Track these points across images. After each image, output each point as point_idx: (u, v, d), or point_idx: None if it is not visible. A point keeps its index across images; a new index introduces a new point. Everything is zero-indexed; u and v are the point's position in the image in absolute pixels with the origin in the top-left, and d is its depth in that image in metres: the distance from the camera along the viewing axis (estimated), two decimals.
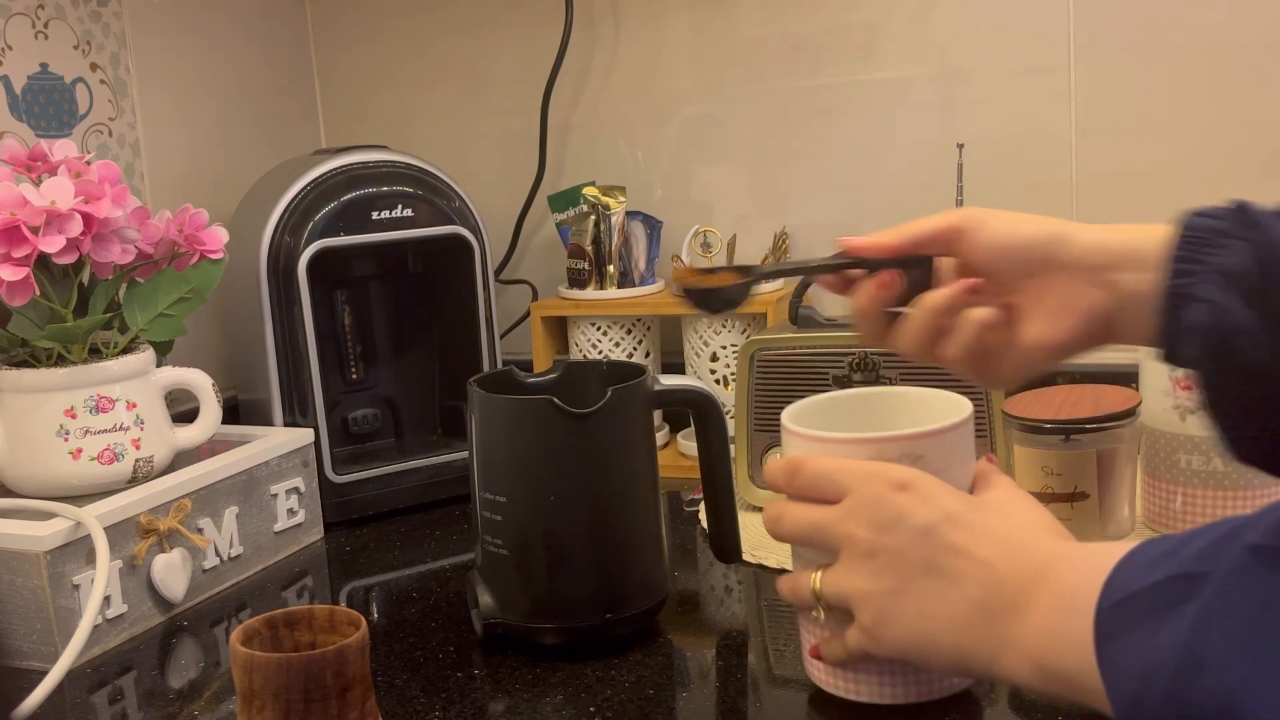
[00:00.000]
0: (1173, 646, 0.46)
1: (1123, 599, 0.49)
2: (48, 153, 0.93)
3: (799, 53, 1.29)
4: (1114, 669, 0.49)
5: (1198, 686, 0.44)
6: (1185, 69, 1.14)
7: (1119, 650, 0.49)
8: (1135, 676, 0.47)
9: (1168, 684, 0.45)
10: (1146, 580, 0.48)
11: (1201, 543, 0.48)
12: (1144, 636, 0.47)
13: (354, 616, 0.62)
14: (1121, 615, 0.49)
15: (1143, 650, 0.47)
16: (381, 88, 1.49)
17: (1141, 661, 0.47)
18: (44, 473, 0.91)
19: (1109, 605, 0.50)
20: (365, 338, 1.22)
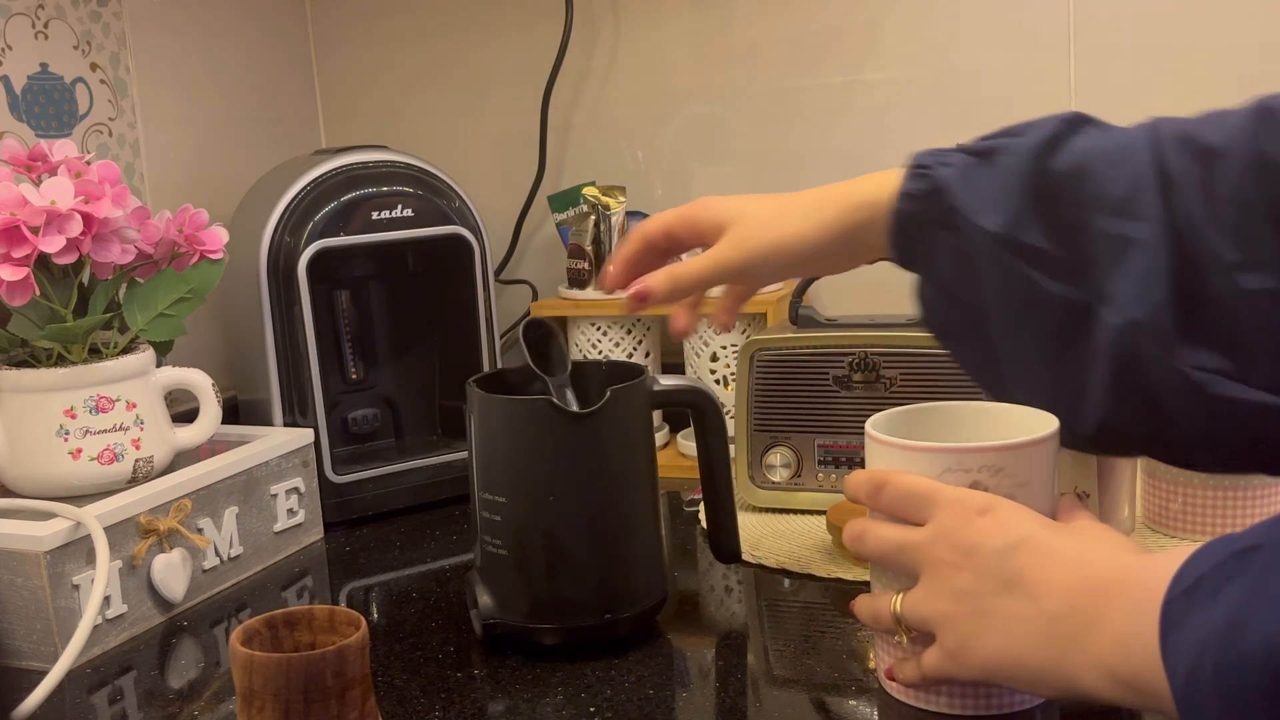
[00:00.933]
0: (1226, 614, 0.46)
1: (1189, 587, 0.49)
2: (48, 153, 0.93)
3: (799, 53, 1.29)
4: (1174, 655, 0.48)
5: (1242, 643, 0.44)
6: (1185, 69, 1.14)
7: (1179, 636, 0.48)
8: (1191, 654, 0.47)
9: (1219, 648, 0.45)
10: (1209, 564, 0.49)
11: (1266, 524, 0.48)
12: (1201, 614, 0.47)
13: (354, 617, 0.62)
14: (1186, 601, 0.49)
15: (1198, 626, 0.47)
16: (382, 88, 1.49)
17: (1197, 635, 0.47)
18: (44, 473, 0.91)
19: (1175, 595, 0.49)
20: (365, 338, 1.22)
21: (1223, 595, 0.47)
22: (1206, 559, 0.49)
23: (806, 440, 1.04)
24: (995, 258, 0.60)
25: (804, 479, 1.04)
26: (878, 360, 1.00)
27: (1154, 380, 0.55)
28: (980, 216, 0.60)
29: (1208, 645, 0.46)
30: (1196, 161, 0.55)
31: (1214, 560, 0.49)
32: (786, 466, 1.04)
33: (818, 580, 0.91)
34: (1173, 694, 0.48)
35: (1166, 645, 0.49)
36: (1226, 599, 0.46)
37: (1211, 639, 0.46)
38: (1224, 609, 0.46)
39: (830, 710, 0.72)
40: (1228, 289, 0.53)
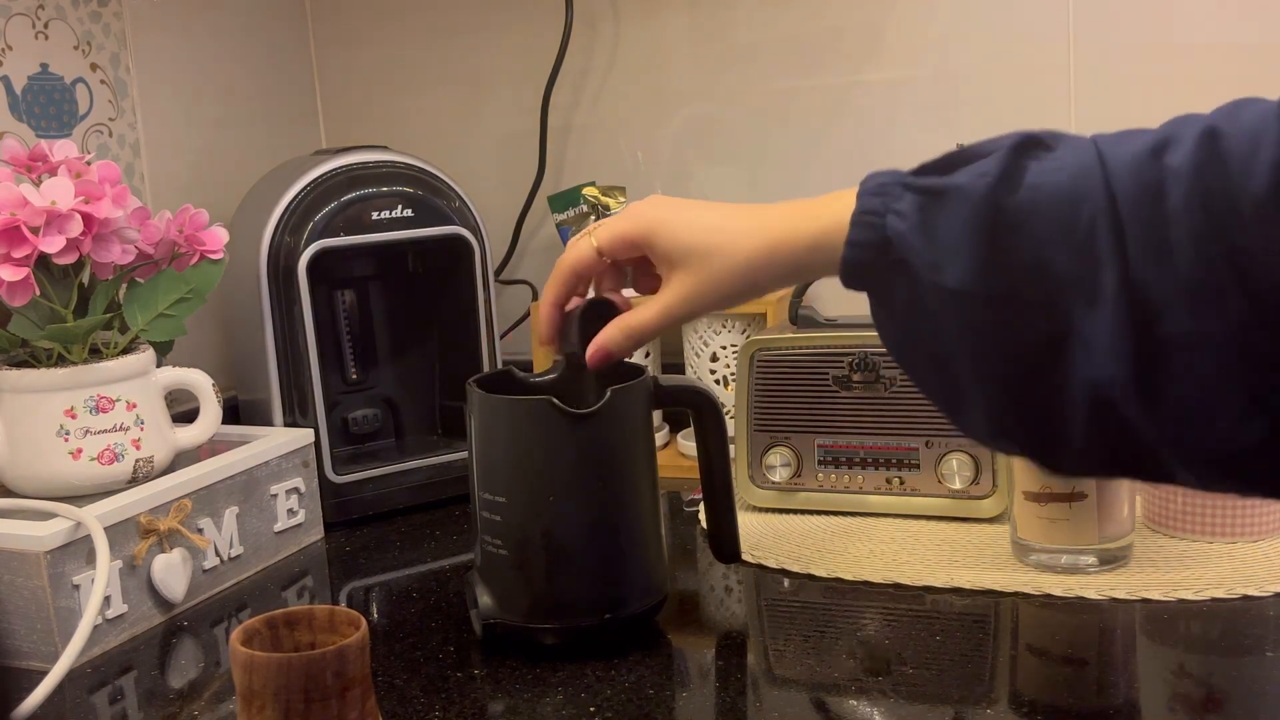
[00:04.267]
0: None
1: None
2: (48, 153, 0.93)
3: (799, 53, 1.29)
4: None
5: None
6: (1185, 69, 1.14)
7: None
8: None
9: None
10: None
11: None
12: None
13: (354, 616, 0.62)
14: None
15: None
16: (381, 88, 1.49)
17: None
18: (44, 473, 0.91)
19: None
20: (365, 338, 1.22)
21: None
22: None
23: (806, 440, 1.04)
24: (953, 310, 0.58)
25: (804, 479, 1.04)
26: (877, 360, 1.00)
27: (1130, 428, 0.54)
28: (936, 271, 0.58)
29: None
30: (1146, 198, 0.53)
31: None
32: (786, 466, 1.04)
33: (818, 580, 0.91)
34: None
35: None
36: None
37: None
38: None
39: (830, 710, 0.72)
40: (1188, 329, 0.52)
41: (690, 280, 0.70)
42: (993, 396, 0.59)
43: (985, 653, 0.78)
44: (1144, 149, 0.54)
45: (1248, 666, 0.74)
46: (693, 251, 0.69)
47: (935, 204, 0.59)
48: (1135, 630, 0.80)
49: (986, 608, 0.85)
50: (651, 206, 0.72)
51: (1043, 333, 0.56)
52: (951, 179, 0.59)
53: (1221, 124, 0.52)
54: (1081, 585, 0.86)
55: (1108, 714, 0.70)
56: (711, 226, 0.69)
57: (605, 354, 0.75)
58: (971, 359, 0.59)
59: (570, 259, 0.75)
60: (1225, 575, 0.86)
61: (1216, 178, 0.51)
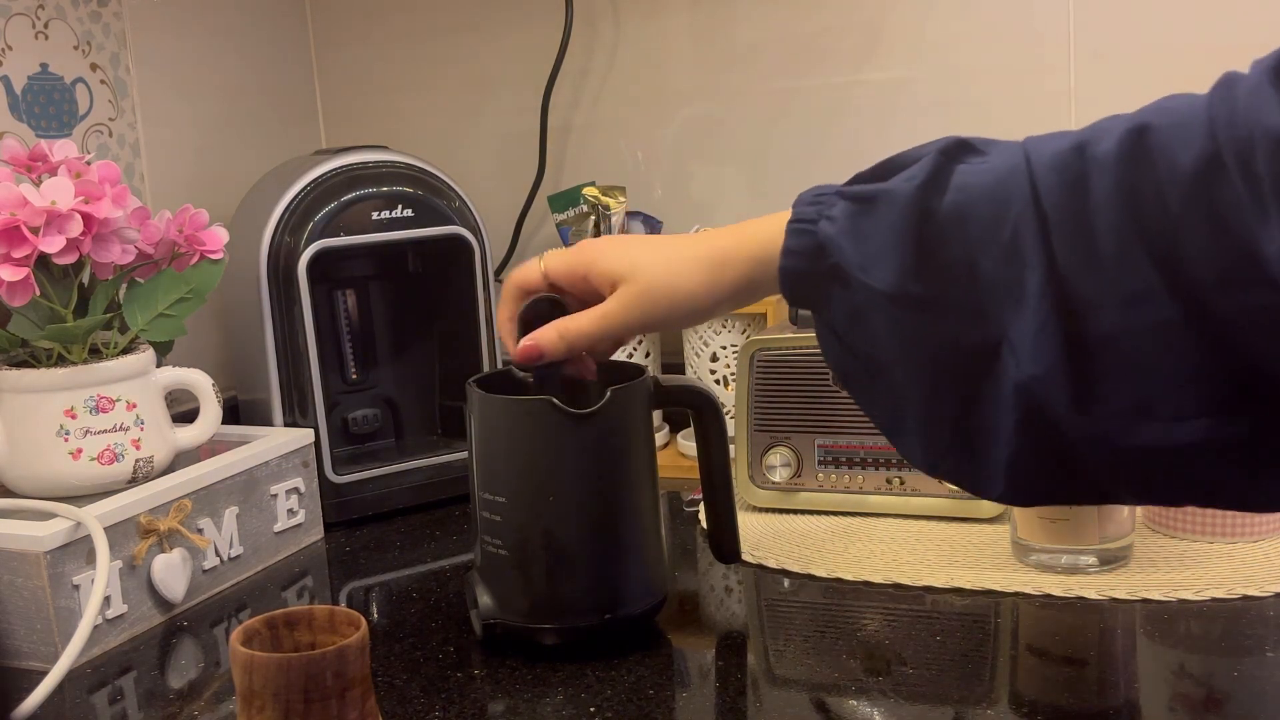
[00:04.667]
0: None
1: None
2: (48, 153, 0.93)
3: (799, 53, 1.29)
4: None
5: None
6: (1185, 69, 1.14)
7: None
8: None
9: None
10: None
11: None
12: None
13: (354, 617, 0.62)
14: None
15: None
16: (382, 88, 1.49)
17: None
18: (44, 473, 0.91)
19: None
20: (365, 338, 1.22)
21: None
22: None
23: (806, 440, 1.04)
24: (884, 311, 0.58)
25: (804, 479, 1.04)
26: None
27: (1061, 433, 0.53)
28: (867, 274, 0.58)
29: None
30: (1070, 193, 0.53)
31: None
32: (786, 466, 1.04)
33: (818, 580, 0.91)
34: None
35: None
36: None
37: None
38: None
39: (830, 710, 0.72)
40: (1116, 326, 0.51)
41: (628, 293, 0.71)
42: (928, 411, 0.58)
43: (985, 653, 0.78)
44: (1068, 145, 0.54)
45: (1248, 667, 0.74)
46: (634, 267, 0.71)
47: (866, 209, 0.60)
48: (1135, 630, 0.80)
49: (986, 608, 0.85)
50: (599, 240, 0.75)
51: (972, 339, 0.56)
52: (882, 185, 0.60)
53: (1150, 119, 0.52)
54: (1081, 585, 0.86)
55: (1108, 714, 0.70)
56: (653, 249, 0.71)
57: (537, 353, 0.75)
58: (906, 367, 0.59)
59: (516, 276, 0.77)
60: (1225, 575, 0.86)
61: (1143, 168, 0.51)
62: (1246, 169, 0.47)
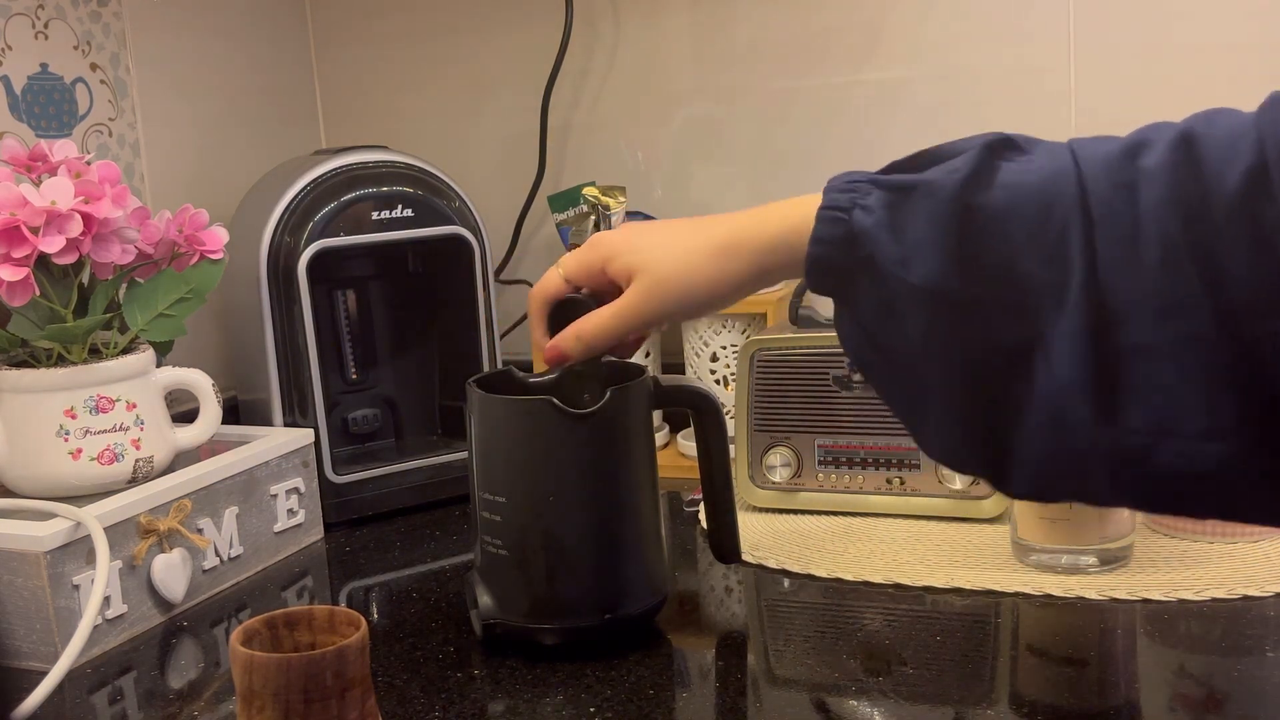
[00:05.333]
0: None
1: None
2: (48, 153, 0.93)
3: (799, 53, 1.29)
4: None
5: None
6: (1185, 69, 1.14)
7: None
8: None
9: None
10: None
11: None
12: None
13: (354, 617, 0.62)
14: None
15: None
16: (382, 88, 1.49)
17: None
18: (44, 473, 0.91)
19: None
20: (365, 338, 1.22)
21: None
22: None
23: (806, 440, 1.04)
24: (920, 307, 0.57)
25: (804, 479, 1.04)
26: None
27: (1086, 440, 0.53)
28: (903, 268, 0.57)
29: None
30: (1118, 198, 0.52)
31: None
32: (786, 466, 1.04)
33: (818, 580, 0.91)
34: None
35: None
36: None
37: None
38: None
39: (830, 710, 0.72)
40: (1150, 336, 0.51)
41: (642, 286, 0.70)
42: (954, 406, 0.57)
43: (985, 653, 0.78)
44: (1118, 151, 0.53)
45: (1248, 667, 0.74)
46: (647, 260, 0.70)
47: (904, 200, 0.58)
48: (1135, 630, 0.80)
49: (987, 608, 0.85)
50: (612, 233, 0.74)
51: (1010, 339, 0.55)
52: (922, 176, 0.58)
53: (1197, 128, 0.51)
54: (1082, 585, 0.86)
55: (1108, 714, 0.70)
56: (666, 239, 0.70)
57: (559, 356, 0.75)
58: (936, 363, 0.57)
59: (540, 289, 0.77)
60: (1225, 575, 0.86)
61: (1191, 179, 0.50)
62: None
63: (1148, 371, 0.51)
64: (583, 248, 0.75)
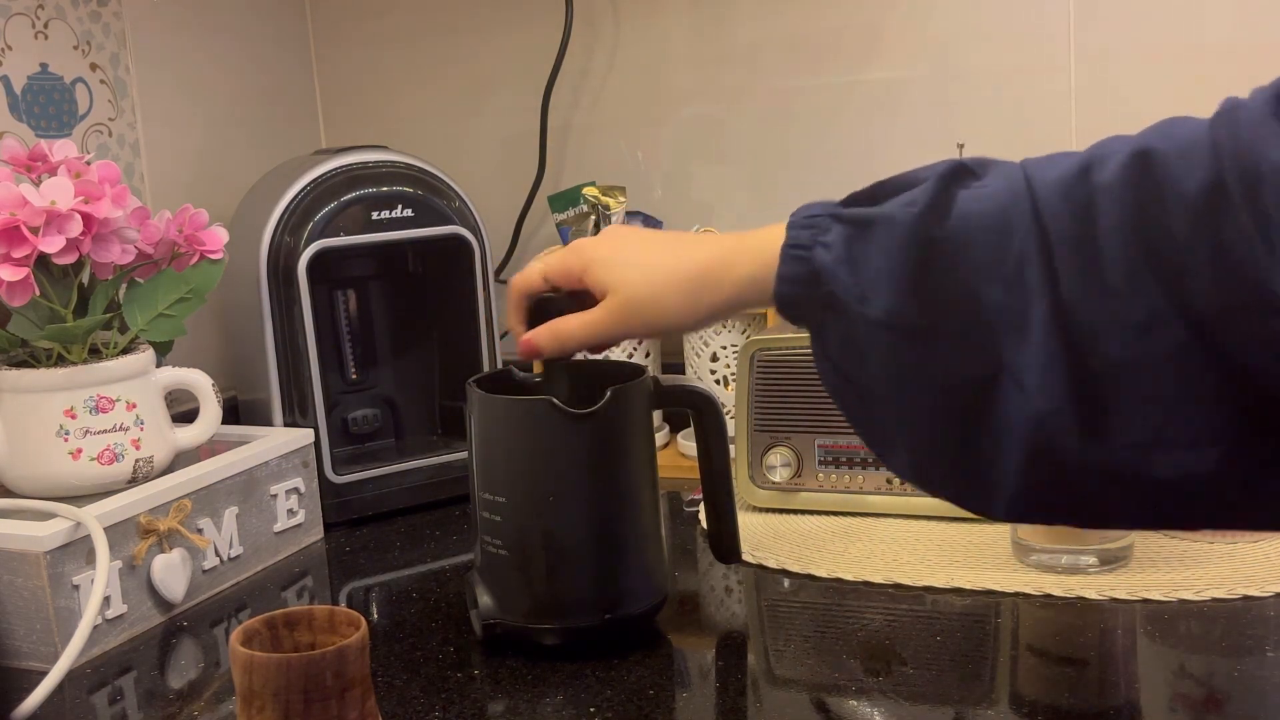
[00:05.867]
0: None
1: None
2: (48, 153, 0.93)
3: (799, 53, 1.29)
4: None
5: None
6: (1185, 69, 1.14)
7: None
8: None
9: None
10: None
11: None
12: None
13: (354, 617, 0.62)
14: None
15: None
16: (381, 88, 1.49)
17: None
18: (44, 473, 0.91)
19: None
20: (365, 338, 1.22)
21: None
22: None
23: (806, 440, 1.04)
24: (882, 341, 0.57)
25: (804, 479, 1.04)
26: None
27: (1072, 465, 0.52)
28: (863, 304, 0.57)
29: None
30: (1076, 220, 0.52)
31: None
32: (786, 466, 1.04)
33: (818, 580, 0.91)
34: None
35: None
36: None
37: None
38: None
39: (830, 710, 0.72)
40: (1126, 354, 0.50)
41: (612, 304, 0.71)
42: (920, 438, 0.58)
43: (985, 653, 0.78)
44: (1072, 170, 0.53)
45: (1248, 667, 0.74)
46: (619, 281, 0.71)
47: (862, 234, 0.58)
48: (1135, 630, 0.80)
49: (987, 608, 0.85)
50: (594, 241, 0.75)
51: (972, 370, 0.55)
52: (880, 209, 0.58)
53: (1153, 142, 0.51)
54: (1082, 585, 0.86)
55: (1108, 714, 0.70)
56: (643, 254, 0.71)
57: (533, 350, 0.77)
58: (898, 397, 0.57)
59: (520, 281, 0.78)
60: (1225, 575, 0.86)
61: (1149, 194, 0.50)
62: (1253, 203, 0.46)
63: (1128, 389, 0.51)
64: (565, 250, 0.76)
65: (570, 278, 0.75)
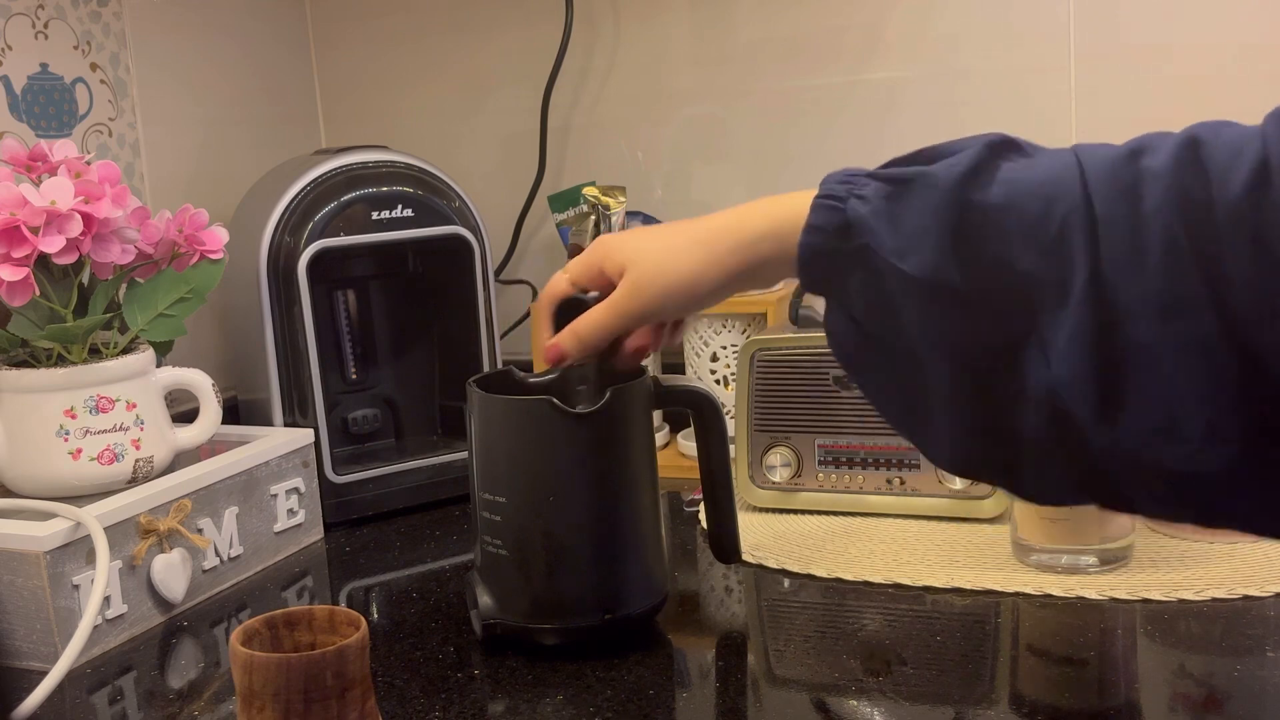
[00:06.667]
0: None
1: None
2: (48, 153, 0.93)
3: (799, 53, 1.29)
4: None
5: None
6: (1185, 69, 1.14)
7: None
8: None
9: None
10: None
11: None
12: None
13: (354, 617, 0.62)
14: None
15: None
16: (382, 88, 1.49)
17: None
18: (44, 473, 0.91)
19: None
20: (365, 338, 1.22)
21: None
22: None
23: (806, 440, 1.04)
24: (916, 299, 0.56)
25: (804, 479, 1.04)
26: None
27: (1086, 440, 0.52)
28: (898, 258, 0.56)
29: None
30: (1122, 198, 0.52)
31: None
32: (786, 466, 1.04)
33: (818, 580, 0.91)
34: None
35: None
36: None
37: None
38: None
39: (830, 710, 0.72)
40: (1153, 336, 0.50)
41: (629, 279, 0.71)
42: (957, 404, 0.57)
43: (985, 653, 0.78)
44: (1122, 154, 0.53)
45: (1248, 666, 0.74)
46: (635, 253, 0.71)
47: (902, 191, 0.58)
48: (1135, 630, 0.80)
49: (987, 608, 0.85)
50: (614, 234, 0.76)
51: (1007, 334, 0.54)
52: (921, 169, 0.58)
53: (1203, 134, 0.51)
54: (1082, 585, 0.86)
55: (1108, 714, 0.70)
56: (660, 233, 0.72)
57: (559, 354, 0.76)
58: (934, 357, 0.57)
59: (546, 292, 0.78)
60: (1225, 575, 0.86)
61: (1194, 181, 0.50)
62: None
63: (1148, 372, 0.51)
64: (586, 250, 0.76)
65: (592, 271, 0.75)
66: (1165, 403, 0.51)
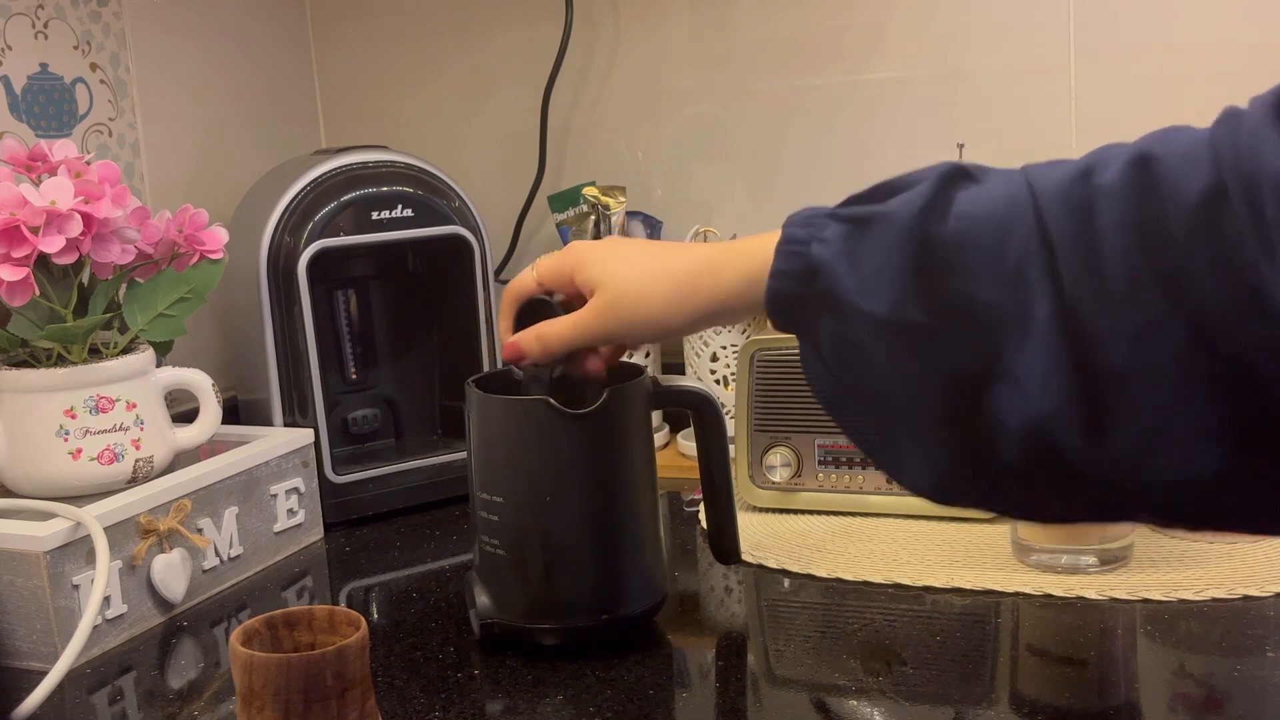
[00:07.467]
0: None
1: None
2: (48, 153, 0.93)
3: (799, 53, 1.29)
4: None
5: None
6: (1185, 69, 1.14)
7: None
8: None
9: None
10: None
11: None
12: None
13: (354, 617, 0.62)
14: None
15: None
16: (381, 88, 1.49)
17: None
18: (44, 473, 0.91)
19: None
20: (365, 338, 1.22)
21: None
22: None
23: (806, 440, 1.04)
24: (882, 338, 0.57)
25: (804, 479, 1.04)
26: None
27: (1074, 465, 0.52)
28: (861, 298, 0.57)
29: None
30: (1076, 222, 0.52)
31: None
32: (786, 466, 1.04)
33: (818, 580, 0.91)
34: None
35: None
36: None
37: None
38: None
39: (830, 710, 0.72)
40: (1128, 358, 0.50)
41: (599, 302, 0.71)
42: (928, 438, 0.57)
43: (985, 653, 0.78)
44: (1072, 174, 0.53)
45: (1248, 666, 0.74)
46: (607, 276, 0.71)
47: (861, 231, 0.58)
48: (1135, 630, 0.80)
49: (987, 608, 0.85)
50: (589, 243, 0.75)
51: (972, 368, 0.54)
52: (878, 207, 0.58)
53: (1153, 148, 0.51)
54: (1082, 585, 0.86)
55: (1108, 714, 0.70)
56: (632, 259, 0.71)
57: (518, 353, 0.76)
58: (897, 395, 0.57)
59: (513, 286, 0.78)
60: (1225, 575, 0.86)
61: (1148, 196, 0.50)
62: (1253, 209, 0.46)
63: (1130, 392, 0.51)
64: (559, 253, 0.76)
65: (562, 278, 0.75)
66: (1149, 419, 0.51)
